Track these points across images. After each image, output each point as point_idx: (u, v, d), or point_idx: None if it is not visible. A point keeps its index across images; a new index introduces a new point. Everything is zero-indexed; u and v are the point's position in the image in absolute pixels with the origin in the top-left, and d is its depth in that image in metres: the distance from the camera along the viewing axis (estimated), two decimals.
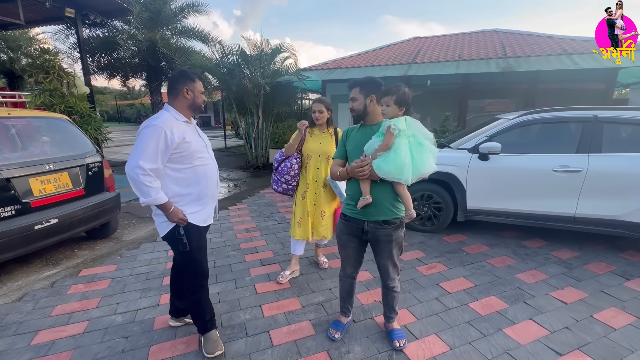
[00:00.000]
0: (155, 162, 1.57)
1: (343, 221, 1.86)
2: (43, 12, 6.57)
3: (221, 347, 1.87)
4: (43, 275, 2.81)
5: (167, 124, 1.61)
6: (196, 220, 1.75)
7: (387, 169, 1.56)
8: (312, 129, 2.57)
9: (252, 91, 7.13)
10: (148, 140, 1.56)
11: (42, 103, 5.77)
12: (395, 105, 1.64)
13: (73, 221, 2.96)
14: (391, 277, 1.86)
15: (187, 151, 1.66)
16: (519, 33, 8.50)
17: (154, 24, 8.24)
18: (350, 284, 2.00)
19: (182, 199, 1.71)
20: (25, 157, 2.82)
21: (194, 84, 1.72)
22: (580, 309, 2.27)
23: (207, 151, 1.81)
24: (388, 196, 1.70)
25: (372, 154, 1.62)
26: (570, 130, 3.22)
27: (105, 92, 26.69)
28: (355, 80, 1.81)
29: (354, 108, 1.79)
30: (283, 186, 2.58)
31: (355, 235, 1.82)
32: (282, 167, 2.55)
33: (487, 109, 7.60)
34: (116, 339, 1.98)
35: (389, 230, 1.73)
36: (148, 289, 2.55)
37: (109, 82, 10.09)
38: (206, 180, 1.76)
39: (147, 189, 1.56)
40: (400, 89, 1.65)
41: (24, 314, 2.23)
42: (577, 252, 3.18)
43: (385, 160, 1.57)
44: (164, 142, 1.58)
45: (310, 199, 2.55)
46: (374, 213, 1.71)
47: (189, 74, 1.73)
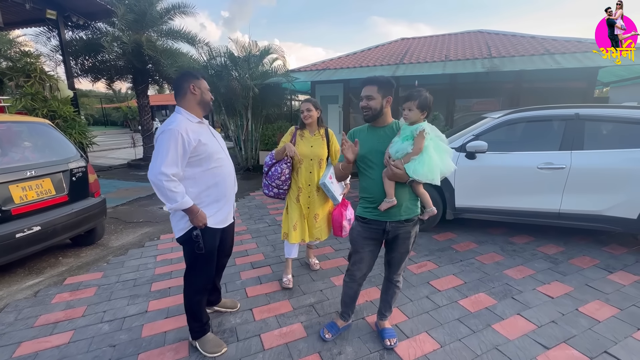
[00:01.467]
0: (176, 166, 1.58)
1: (361, 224, 1.80)
2: (23, 13, 6.38)
3: (224, 345, 1.90)
4: (26, 284, 2.73)
5: (182, 126, 1.61)
6: (213, 223, 1.77)
7: (422, 172, 1.60)
8: (303, 132, 2.52)
9: (240, 93, 7.09)
10: (167, 145, 1.56)
11: (23, 107, 5.61)
12: (418, 109, 1.64)
13: (57, 228, 2.88)
14: (400, 272, 1.89)
15: (205, 153, 1.67)
16: (503, 34, 8.68)
17: (139, 25, 8.10)
18: (355, 291, 1.97)
19: (200, 202, 1.72)
20: (5, 163, 2.73)
21: (200, 81, 1.73)
22: (566, 303, 2.32)
23: (222, 151, 1.82)
24: (407, 196, 1.72)
25: (404, 157, 1.61)
26: (554, 128, 3.30)
27: (90, 95, 26.11)
28: (373, 77, 1.71)
29: (371, 107, 1.69)
30: (274, 190, 2.53)
31: (375, 238, 1.80)
32: (272, 172, 2.49)
33: (474, 109, 7.72)
34: (103, 348, 1.93)
35: (409, 227, 1.77)
36: (136, 296, 2.50)
37: (94, 85, 9.86)
38: (224, 181, 1.79)
39: (173, 194, 1.56)
40: (422, 93, 1.64)
41: (6, 326, 2.16)
42: (562, 247, 3.26)
43: (420, 163, 1.60)
44: (182, 146, 1.58)
45: (304, 203, 2.52)
46: (396, 213, 1.71)
47: (193, 72, 1.76)
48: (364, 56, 8.94)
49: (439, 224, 3.71)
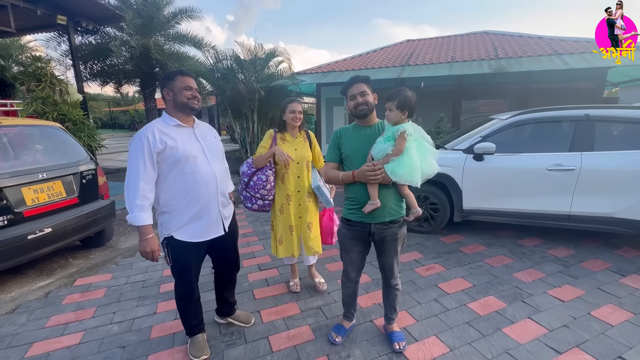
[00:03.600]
0: (146, 182, 1.57)
1: (346, 226, 1.81)
2: (34, 19, 6.52)
3: (207, 351, 1.86)
4: (37, 285, 2.77)
5: (151, 129, 1.59)
6: (182, 236, 1.68)
7: (401, 173, 1.59)
8: (284, 134, 2.32)
9: (246, 95, 7.14)
10: (135, 156, 1.56)
11: (34, 111, 5.71)
12: (398, 110, 1.63)
13: (67, 230, 2.92)
14: (395, 275, 1.87)
15: (173, 157, 1.59)
16: (510, 34, 8.62)
17: (147, 30, 8.22)
18: (353, 289, 1.98)
19: (171, 209, 1.67)
20: (18, 166, 2.78)
21: (173, 82, 1.63)
22: (578, 307, 2.28)
23: (204, 157, 1.70)
24: (392, 197, 1.72)
25: (384, 158, 1.61)
26: (563, 129, 3.26)
27: (99, 99, 26.50)
28: (359, 76, 1.73)
29: (367, 101, 1.67)
30: (259, 202, 2.29)
31: (361, 239, 1.80)
32: (255, 181, 2.24)
33: (481, 110, 7.68)
34: (113, 349, 1.95)
35: (395, 229, 1.75)
36: (145, 297, 2.52)
37: (102, 88, 10.02)
38: (197, 189, 1.65)
39: (130, 204, 1.55)
40: (401, 93, 1.62)
41: (18, 326, 2.19)
42: (572, 249, 3.21)
43: (399, 165, 1.59)
44: (148, 150, 1.55)
45: (294, 212, 2.31)
46: (380, 215, 1.70)
47: (168, 74, 1.68)
48: (370, 58, 8.94)
49: (447, 226, 3.68)
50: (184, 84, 1.64)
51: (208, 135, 1.80)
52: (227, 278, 2.05)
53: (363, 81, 1.70)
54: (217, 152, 1.82)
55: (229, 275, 2.06)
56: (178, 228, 1.68)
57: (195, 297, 1.85)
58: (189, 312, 1.87)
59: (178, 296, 1.83)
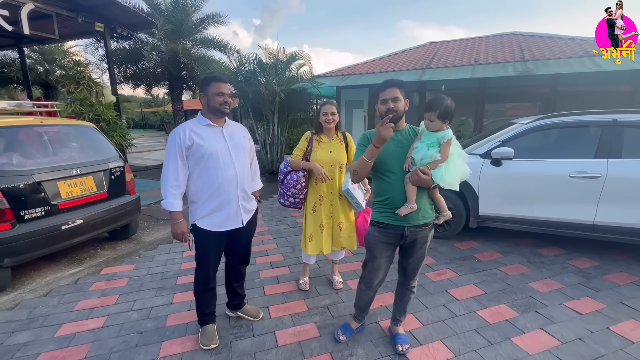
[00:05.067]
0: (179, 172, 1.77)
1: (378, 229, 1.77)
2: (75, 27, 7.04)
3: (216, 341, 1.97)
4: (68, 272, 3.00)
5: (184, 127, 1.78)
6: (205, 225, 1.84)
7: (449, 178, 1.63)
8: (320, 136, 2.39)
9: (267, 98, 7.31)
10: (170, 151, 1.76)
11: (72, 111, 6.17)
12: (439, 119, 1.64)
13: (96, 222, 3.15)
14: (416, 277, 1.89)
15: (199, 153, 1.76)
16: (539, 35, 8.27)
17: (176, 35, 8.63)
18: (371, 297, 1.98)
19: (197, 199, 1.84)
20: (55, 162, 3.04)
21: (208, 87, 1.79)
22: (596, 320, 2.18)
23: (228, 154, 1.82)
24: (425, 200, 1.73)
25: (431, 164, 1.63)
26: (588, 135, 3.12)
27: (132, 100, 28.03)
28: (395, 80, 1.71)
29: (398, 108, 1.64)
30: (290, 200, 2.42)
31: (392, 243, 1.79)
32: (288, 180, 2.37)
33: (508, 114, 7.42)
34: (131, 334, 2.10)
35: (426, 231, 1.77)
36: (163, 288, 2.67)
37: (134, 90, 10.62)
38: (218, 183, 1.80)
39: (165, 192, 1.77)
40: (442, 103, 1.62)
41: (50, 308, 2.40)
42: (597, 261, 3.05)
43: (447, 170, 1.63)
44: (179, 145, 1.74)
45: (325, 212, 2.39)
46: (415, 218, 1.70)
47: (205, 79, 1.84)
48: (390, 61, 8.89)
49: (462, 232, 3.61)
50: (217, 90, 1.78)
51: (237, 134, 1.93)
52: (236, 270, 2.16)
53: (397, 86, 1.67)
54: (242, 150, 1.93)
55: (238, 267, 2.16)
56: (201, 217, 1.83)
57: (210, 286, 1.98)
58: (204, 299, 1.99)
59: (196, 282, 1.97)
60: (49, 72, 12.54)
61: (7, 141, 2.88)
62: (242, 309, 2.24)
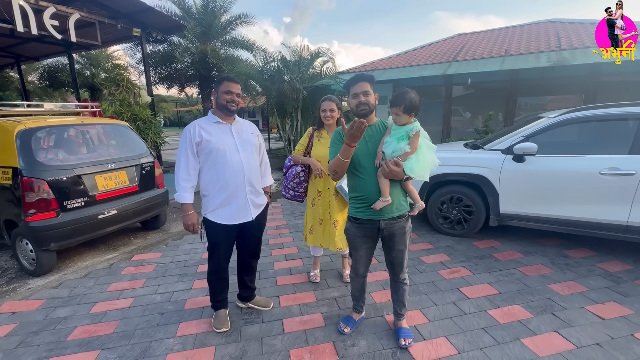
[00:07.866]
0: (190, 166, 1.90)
1: (355, 224, 1.84)
2: (115, 32, 7.59)
3: (227, 325, 2.10)
4: (104, 258, 3.32)
5: (195, 124, 1.91)
6: (214, 218, 1.95)
7: (418, 170, 1.68)
8: (320, 132, 2.43)
9: (291, 95, 7.45)
10: (182, 146, 1.90)
11: (113, 111, 6.70)
12: (405, 113, 1.67)
13: (129, 213, 3.44)
14: (404, 269, 1.92)
15: (207, 149, 1.87)
16: (580, 22, 7.65)
17: (205, 37, 9.04)
18: (362, 283, 2.05)
19: (207, 192, 1.96)
20: (93, 157, 3.36)
21: (219, 86, 1.90)
22: (619, 326, 2.05)
23: (235, 150, 1.90)
24: (399, 192, 1.77)
25: (402, 156, 1.66)
26: (622, 129, 2.89)
27: (168, 100, 29.59)
28: (363, 74, 1.77)
29: (369, 102, 1.70)
30: (290, 192, 2.54)
31: (370, 237, 1.85)
32: (288, 174, 2.50)
33: (549, 107, 6.95)
34: (154, 314, 2.30)
35: (402, 222, 1.81)
36: (184, 275, 2.87)
37: (168, 91, 11.27)
38: (225, 177, 1.89)
39: (178, 185, 1.92)
40: (406, 97, 1.64)
41: (87, 288, 2.68)
42: (630, 265, 2.84)
43: (417, 162, 1.68)
44: (189, 141, 1.88)
45: (323, 207, 2.45)
46: (389, 211, 1.75)
47: (218, 78, 1.96)
48: (415, 55, 8.67)
49: (482, 231, 3.50)
50: (226, 89, 1.88)
51: (245, 131, 2.02)
52: (247, 264, 2.26)
53: (367, 80, 1.73)
54: (250, 146, 2.01)
55: (249, 261, 2.26)
56: (211, 210, 1.96)
57: (221, 275, 2.11)
58: (216, 287, 2.13)
59: (209, 270, 2.11)
60: (94, 76, 13.60)
61: (55, 138, 3.22)
62: (252, 301, 2.34)
